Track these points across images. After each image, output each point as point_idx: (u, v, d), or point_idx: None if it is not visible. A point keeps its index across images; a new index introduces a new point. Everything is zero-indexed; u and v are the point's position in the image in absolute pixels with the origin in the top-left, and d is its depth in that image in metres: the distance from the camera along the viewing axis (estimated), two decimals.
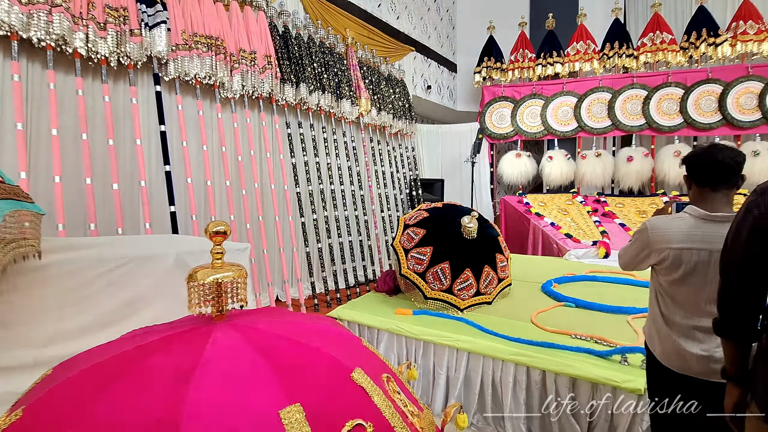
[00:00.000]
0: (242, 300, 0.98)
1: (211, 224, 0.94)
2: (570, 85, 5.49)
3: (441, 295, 2.90)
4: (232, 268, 0.96)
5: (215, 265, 0.95)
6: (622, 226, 4.58)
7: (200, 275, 0.92)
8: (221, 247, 0.97)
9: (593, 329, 2.51)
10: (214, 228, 0.94)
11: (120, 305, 1.49)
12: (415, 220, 3.20)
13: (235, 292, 0.96)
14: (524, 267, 3.96)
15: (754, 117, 4.85)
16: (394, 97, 4.67)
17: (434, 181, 5.14)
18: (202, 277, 0.92)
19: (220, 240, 0.96)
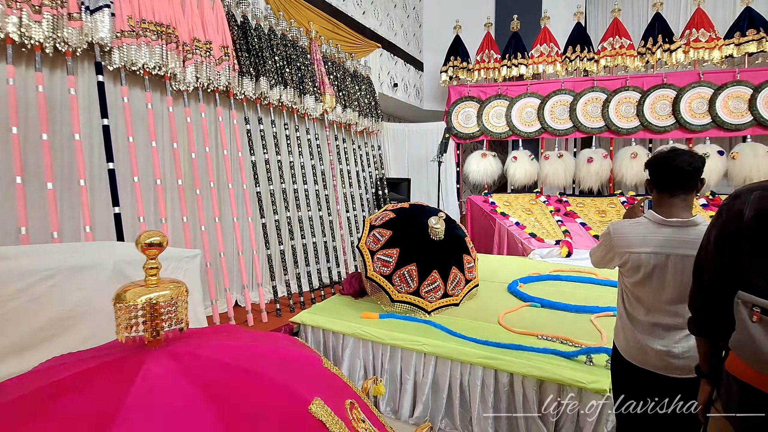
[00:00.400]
0: (182, 322, 0.85)
1: (144, 235, 0.81)
2: (534, 86, 5.58)
3: (408, 298, 2.84)
4: (169, 286, 0.83)
5: (149, 282, 0.82)
6: (583, 225, 4.69)
7: (130, 295, 0.79)
8: (156, 262, 0.83)
9: (559, 329, 2.52)
10: (147, 239, 0.81)
11: (44, 324, 1.30)
12: (381, 221, 3.11)
13: (174, 312, 0.83)
14: (490, 267, 3.97)
15: (704, 121, 5.10)
16: (360, 94, 4.56)
17: (400, 180, 5.08)
18: (132, 297, 0.79)
19: (155, 253, 0.82)
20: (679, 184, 1.39)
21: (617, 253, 1.49)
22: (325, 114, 4.05)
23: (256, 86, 3.24)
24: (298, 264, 3.39)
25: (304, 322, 2.90)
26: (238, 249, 2.93)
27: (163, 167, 2.60)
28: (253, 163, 3.15)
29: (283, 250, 3.28)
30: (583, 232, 4.57)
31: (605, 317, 2.65)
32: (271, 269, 3.16)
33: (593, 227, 4.66)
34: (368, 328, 2.66)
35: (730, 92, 5.05)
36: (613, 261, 1.54)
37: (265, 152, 3.28)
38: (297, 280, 3.38)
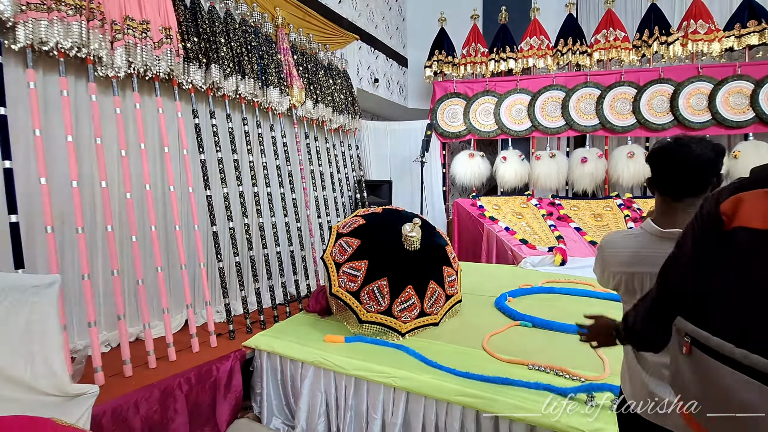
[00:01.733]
0: None
1: None
2: (523, 82, 5.24)
3: (378, 318, 2.44)
4: None
5: None
6: (578, 230, 4.33)
7: None
8: None
9: (553, 354, 2.14)
10: None
11: None
12: (349, 228, 2.72)
13: None
14: (477, 278, 3.59)
15: (704, 118, 4.79)
16: (335, 89, 4.17)
17: (381, 182, 4.69)
18: None
19: None
20: (686, 185, 1.04)
21: (609, 272, 1.17)
22: (294, 109, 3.66)
23: (207, 75, 2.84)
24: (257, 278, 2.98)
25: (259, 346, 2.49)
26: (181, 262, 2.51)
27: (81, 166, 2.18)
28: (203, 162, 2.75)
29: (239, 262, 2.87)
30: (577, 238, 4.21)
31: None
32: (223, 285, 2.74)
33: (588, 232, 4.30)
34: (331, 354, 2.25)
35: (731, 87, 4.75)
36: (610, 282, 1.20)
37: (218, 150, 2.87)
38: (257, 296, 2.96)
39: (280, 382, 2.46)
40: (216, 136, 2.89)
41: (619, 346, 1.09)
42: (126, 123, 2.40)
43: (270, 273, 3.11)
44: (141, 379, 2.11)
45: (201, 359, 2.39)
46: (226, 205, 2.86)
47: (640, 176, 4.87)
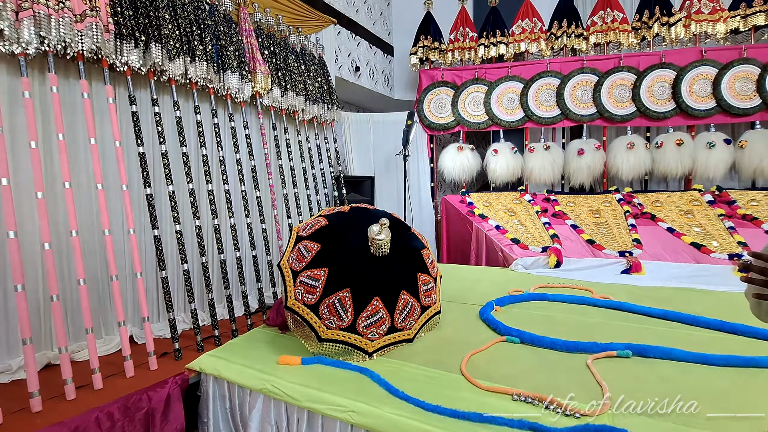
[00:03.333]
0: None
1: None
2: (515, 68, 4.88)
3: (341, 336, 2.08)
4: None
5: None
6: (574, 227, 3.99)
7: None
8: None
9: (543, 378, 1.79)
10: None
11: None
12: (310, 230, 2.36)
13: None
14: (462, 283, 3.25)
15: (708, 105, 4.44)
16: (308, 77, 3.81)
17: (362, 178, 4.34)
18: None
19: None
20: None
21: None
22: (258, 98, 3.30)
23: (146, 55, 2.47)
24: (211, 287, 2.63)
25: (204, 369, 2.14)
26: (111, 272, 2.15)
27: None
28: (142, 156, 2.38)
29: (187, 270, 2.51)
30: (574, 236, 3.87)
31: (606, 360, 1.93)
32: (167, 297, 2.39)
33: (586, 230, 3.96)
34: (281, 380, 1.90)
35: (737, 72, 4.40)
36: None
37: (162, 142, 2.51)
38: (211, 309, 2.61)
39: (228, 410, 2.11)
40: (158, 125, 2.53)
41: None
42: (42, 109, 2.04)
43: (227, 281, 2.76)
44: (52, 415, 1.76)
45: (137, 386, 2.05)
46: (171, 204, 2.50)
47: (641, 169, 4.53)
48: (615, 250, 3.55)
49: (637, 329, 2.24)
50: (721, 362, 1.79)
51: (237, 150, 3.04)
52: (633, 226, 3.87)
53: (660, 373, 1.78)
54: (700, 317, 2.24)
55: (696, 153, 4.42)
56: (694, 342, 2.03)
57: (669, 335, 2.14)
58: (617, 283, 3.05)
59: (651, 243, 3.62)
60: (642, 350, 1.93)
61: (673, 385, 1.64)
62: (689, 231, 3.74)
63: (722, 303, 2.54)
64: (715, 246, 3.49)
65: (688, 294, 2.75)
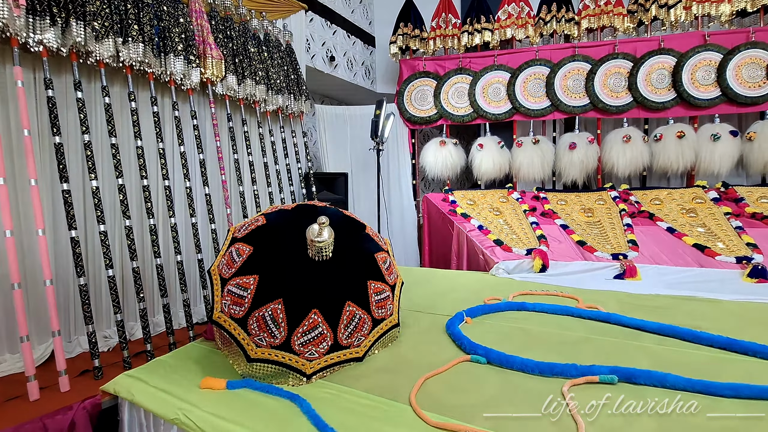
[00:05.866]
0: None
1: None
2: (502, 57, 4.55)
3: (273, 355, 1.75)
4: None
5: None
6: (564, 228, 3.64)
7: None
8: None
9: (507, 410, 1.47)
10: None
11: None
12: (245, 231, 2.04)
13: None
14: (436, 289, 2.91)
15: (712, 94, 4.09)
16: (272, 64, 3.49)
17: (335, 175, 4.02)
18: None
19: None
20: None
21: None
22: (211, 85, 2.99)
23: (65, 34, 2.16)
24: (142, 296, 2.31)
25: (119, 392, 1.82)
26: (13, 280, 1.84)
27: None
28: (58, 147, 2.07)
29: (113, 277, 2.20)
30: (563, 238, 3.52)
31: (586, 386, 1.59)
32: (86, 306, 2.07)
33: (576, 230, 3.61)
34: (197, 409, 1.58)
35: (744, 57, 4.05)
36: None
37: (86, 132, 2.20)
38: (142, 320, 2.30)
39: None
40: (81, 112, 2.22)
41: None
42: None
43: (164, 289, 2.44)
44: None
45: (40, 411, 1.74)
46: (95, 202, 2.19)
47: (638, 164, 4.18)
48: (608, 253, 3.21)
49: (627, 347, 1.89)
50: (729, 392, 1.44)
51: (181, 142, 2.72)
52: (629, 226, 3.52)
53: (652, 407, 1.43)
54: (703, 333, 1.89)
55: (699, 146, 4.07)
56: (696, 364, 1.68)
57: (665, 355, 1.79)
58: (608, 290, 2.70)
59: (648, 245, 3.27)
60: (630, 375, 1.58)
61: (668, 422, 1.30)
62: (692, 231, 3.39)
63: (730, 315, 2.19)
64: (720, 248, 3.13)
65: (689, 303, 2.40)
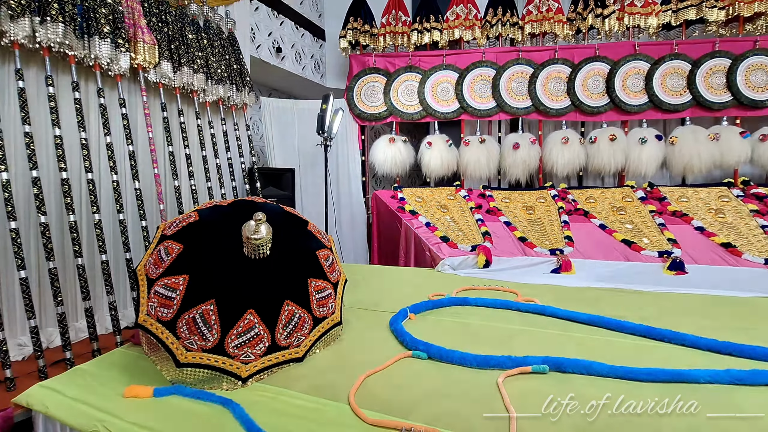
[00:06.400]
0: None
1: None
2: (450, 57, 4.63)
3: (204, 359, 1.65)
4: None
5: None
6: (507, 225, 3.77)
7: None
8: None
9: (446, 404, 1.47)
10: None
11: None
12: (176, 228, 1.91)
13: None
14: (381, 286, 2.91)
15: (641, 101, 4.40)
16: (213, 52, 3.32)
17: (282, 171, 3.90)
18: None
19: None
20: None
21: None
22: (142, 72, 2.79)
23: None
24: (61, 299, 2.11)
25: (32, 405, 1.65)
26: None
27: None
28: None
29: (26, 279, 1.99)
30: (506, 234, 3.65)
31: (520, 376, 1.64)
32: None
33: (519, 227, 3.75)
34: (119, 420, 1.45)
35: (668, 67, 4.39)
36: None
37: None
38: (61, 326, 2.10)
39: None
40: None
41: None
42: None
43: (86, 290, 2.24)
44: None
45: None
46: (5, 196, 1.97)
47: (575, 164, 4.42)
48: (546, 248, 3.36)
49: (559, 338, 1.98)
50: (646, 377, 1.55)
51: (108, 132, 2.51)
52: (566, 223, 3.70)
53: (579, 393, 1.50)
54: (626, 322, 2.02)
55: (629, 149, 4.37)
56: (619, 351, 1.80)
57: (592, 344, 1.90)
58: (545, 283, 2.82)
59: (582, 240, 3.46)
60: (560, 364, 1.65)
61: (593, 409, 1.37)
62: (621, 228, 3.63)
63: (650, 305, 2.36)
64: (645, 243, 3.37)
65: (616, 295, 2.56)
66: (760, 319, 2.09)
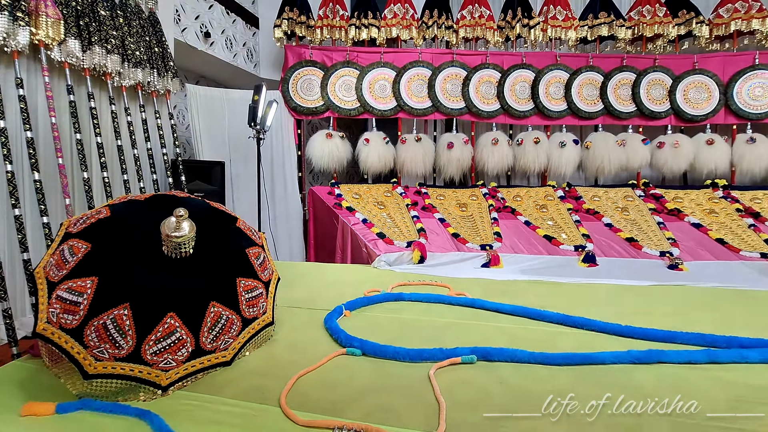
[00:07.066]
0: None
1: None
2: (388, 55, 4.67)
3: (118, 368, 1.50)
4: None
5: None
6: (442, 221, 3.90)
7: None
8: None
9: (379, 399, 1.48)
10: None
11: None
12: (82, 225, 1.72)
13: None
14: (317, 283, 2.86)
15: (561, 107, 4.75)
16: (131, 33, 3.04)
17: (211, 164, 3.68)
18: None
19: None
20: None
21: None
22: (45, 49, 2.47)
23: None
24: None
25: None
26: None
27: None
28: None
29: None
30: (440, 230, 3.76)
31: (451, 368, 1.70)
32: None
33: (452, 223, 3.89)
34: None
35: (584, 78, 4.79)
36: None
37: None
38: None
39: None
40: None
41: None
42: None
43: None
44: None
45: None
46: None
47: (504, 164, 4.68)
48: (477, 244, 3.52)
49: (487, 328, 2.08)
50: (561, 361, 1.68)
51: (2, 116, 2.20)
52: (495, 220, 3.91)
53: (503, 379, 1.59)
54: (546, 311, 2.17)
55: (551, 151, 4.70)
56: (538, 339, 1.92)
57: (516, 333, 2.02)
58: (476, 277, 2.96)
59: (510, 236, 3.67)
60: (487, 354, 1.73)
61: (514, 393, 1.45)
62: (543, 224, 3.90)
63: (567, 295, 2.57)
64: (564, 238, 3.66)
65: (537, 286, 2.75)
66: (656, 305, 2.36)
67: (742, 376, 1.50)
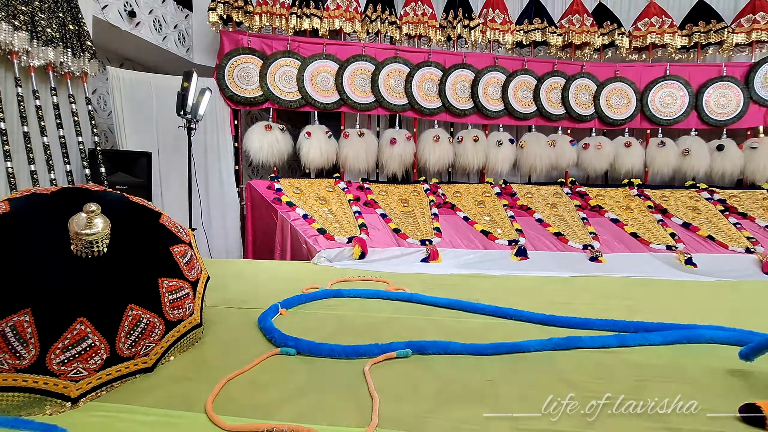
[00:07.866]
0: None
1: None
2: (331, 47, 4.59)
3: (20, 380, 1.35)
4: None
5: None
6: (383, 216, 3.92)
7: None
8: None
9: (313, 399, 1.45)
10: None
11: None
12: None
13: None
14: (253, 281, 2.76)
15: (499, 107, 4.95)
16: (42, 8, 2.71)
17: (136, 155, 3.40)
18: None
19: None
20: None
21: None
22: None
23: None
24: None
25: None
26: None
27: None
28: None
29: None
30: (382, 226, 3.78)
31: (386, 363, 1.71)
32: None
33: (394, 219, 3.93)
34: None
35: (519, 81, 5.02)
36: None
37: None
38: None
39: None
40: None
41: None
42: None
43: None
44: None
45: None
46: None
47: (445, 161, 4.79)
48: (418, 239, 3.58)
49: (423, 322, 2.12)
50: (491, 350, 1.75)
51: None
52: (435, 215, 4.00)
53: (437, 371, 1.62)
54: (479, 304, 2.25)
55: (489, 149, 4.89)
56: (472, 330, 1.99)
57: (451, 325, 2.07)
58: (415, 272, 3.01)
59: (449, 231, 3.78)
60: (421, 347, 1.76)
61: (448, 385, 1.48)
62: (480, 220, 4.06)
63: (499, 287, 2.68)
64: (499, 233, 3.83)
65: (472, 280, 2.85)
66: (576, 295, 2.53)
67: (645, 358, 1.65)
